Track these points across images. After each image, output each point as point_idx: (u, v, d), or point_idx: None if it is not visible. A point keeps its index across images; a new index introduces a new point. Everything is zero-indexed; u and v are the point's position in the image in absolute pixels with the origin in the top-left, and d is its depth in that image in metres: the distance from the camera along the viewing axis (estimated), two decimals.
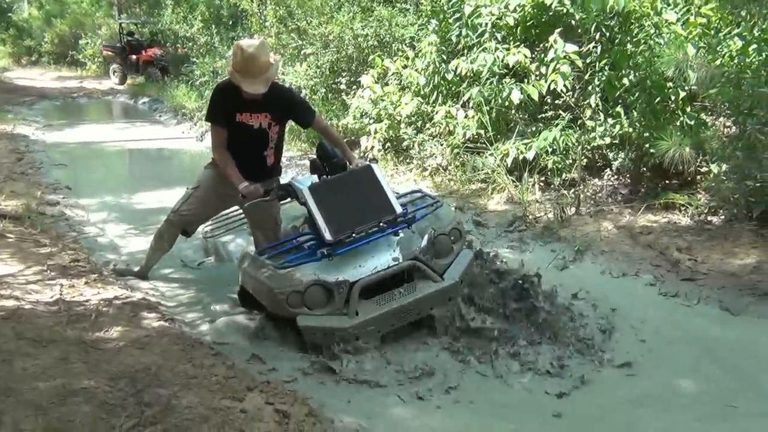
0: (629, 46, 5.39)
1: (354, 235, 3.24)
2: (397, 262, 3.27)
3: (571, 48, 5.30)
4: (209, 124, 3.71)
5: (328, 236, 3.18)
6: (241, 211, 4.14)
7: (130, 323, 3.27)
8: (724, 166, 4.71)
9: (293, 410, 2.56)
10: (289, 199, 3.68)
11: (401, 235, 3.40)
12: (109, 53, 18.48)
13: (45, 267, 3.89)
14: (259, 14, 9.11)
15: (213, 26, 10.97)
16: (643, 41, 5.22)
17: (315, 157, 3.66)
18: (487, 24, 5.86)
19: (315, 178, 3.58)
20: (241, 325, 3.56)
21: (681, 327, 3.57)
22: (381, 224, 3.30)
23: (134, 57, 17.18)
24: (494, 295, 3.48)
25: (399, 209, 3.33)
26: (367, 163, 3.56)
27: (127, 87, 17.51)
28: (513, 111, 6.03)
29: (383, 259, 3.28)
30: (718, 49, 4.99)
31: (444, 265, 3.41)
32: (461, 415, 2.80)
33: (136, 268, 4.20)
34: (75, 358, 2.68)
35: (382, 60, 7.05)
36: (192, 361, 2.89)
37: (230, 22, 11.70)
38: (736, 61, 4.88)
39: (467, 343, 3.24)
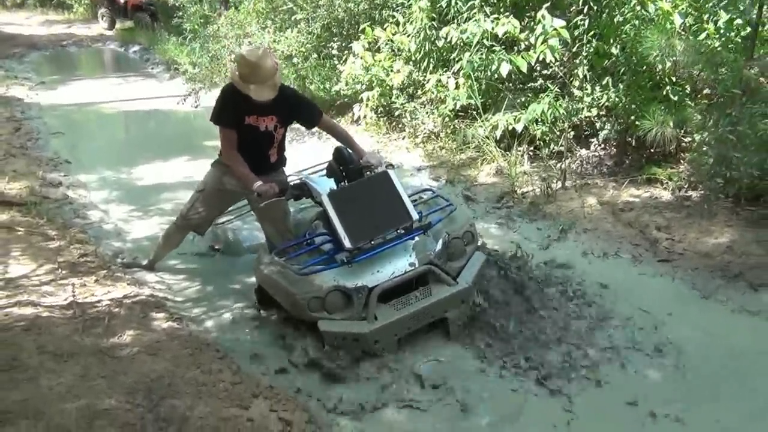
0: (617, 17, 5.41)
1: (372, 242, 3.38)
2: (413, 267, 3.40)
3: (559, 23, 5.32)
4: (218, 126, 3.67)
5: (347, 244, 3.31)
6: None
7: (141, 325, 3.52)
8: (706, 135, 4.80)
9: (294, 417, 2.85)
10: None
11: (416, 239, 3.52)
12: None
13: (56, 265, 4.11)
14: None
15: None
16: (629, 19, 5.24)
17: (332, 160, 3.76)
18: None
19: (330, 181, 3.71)
20: (245, 320, 3.82)
21: (660, 313, 3.71)
22: (398, 231, 3.44)
23: (122, 1, 16.85)
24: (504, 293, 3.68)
25: (416, 215, 3.45)
26: (384, 168, 3.62)
27: (117, 33, 17.22)
28: (503, 81, 6.09)
29: (400, 264, 3.41)
30: (704, 18, 5.05)
31: (457, 268, 3.55)
32: (461, 420, 2.98)
33: (144, 261, 4.36)
34: (94, 373, 2.94)
35: (373, 30, 7.03)
36: (200, 366, 3.16)
37: None
38: (721, 32, 4.94)
39: (475, 342, 3.44)
